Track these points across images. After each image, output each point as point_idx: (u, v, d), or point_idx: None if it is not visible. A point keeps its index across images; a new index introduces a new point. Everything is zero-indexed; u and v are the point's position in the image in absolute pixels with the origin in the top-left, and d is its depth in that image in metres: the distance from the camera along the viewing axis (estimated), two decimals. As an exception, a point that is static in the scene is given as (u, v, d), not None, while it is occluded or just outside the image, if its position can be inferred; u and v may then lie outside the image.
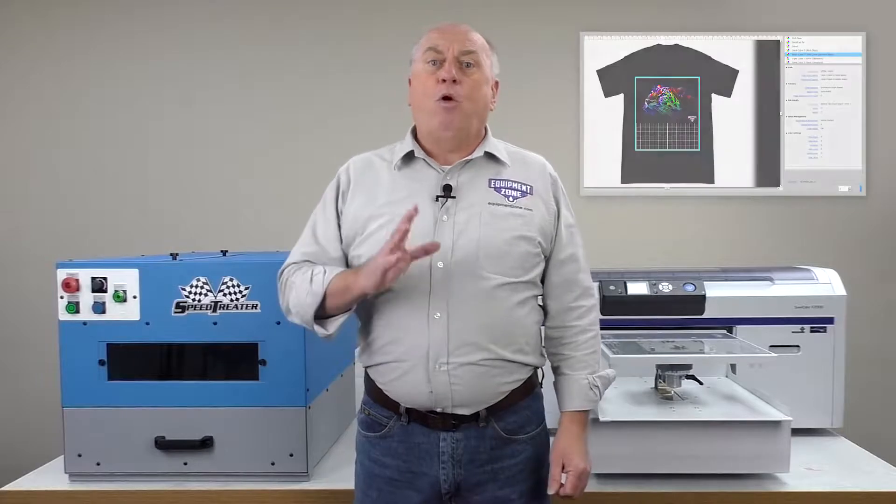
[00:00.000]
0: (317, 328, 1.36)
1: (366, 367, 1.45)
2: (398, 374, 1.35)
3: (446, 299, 1.31)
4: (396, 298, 1.34)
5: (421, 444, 1.37)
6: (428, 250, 1.24)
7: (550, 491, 1.37)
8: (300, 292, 1.35)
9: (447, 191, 1.37)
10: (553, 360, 1.47)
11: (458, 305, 1.31)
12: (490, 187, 1.39)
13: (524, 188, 1.41)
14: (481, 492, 1.37)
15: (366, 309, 1.41)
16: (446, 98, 1.35)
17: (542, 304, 1.47)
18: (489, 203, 1.37)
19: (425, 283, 1.32)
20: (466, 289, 1.32)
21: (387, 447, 1.40)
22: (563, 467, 1.37)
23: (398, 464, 1.38)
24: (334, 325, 1.36)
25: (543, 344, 1.47)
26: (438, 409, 1.35)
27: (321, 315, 1.35)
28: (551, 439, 1.45)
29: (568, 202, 1.48)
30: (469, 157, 1.40)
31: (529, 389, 1.42)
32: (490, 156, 1.42)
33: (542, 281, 1.45)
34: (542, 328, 1.46)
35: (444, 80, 1.35)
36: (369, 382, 1.44)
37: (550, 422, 1.47)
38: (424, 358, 1.32)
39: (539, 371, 1.46)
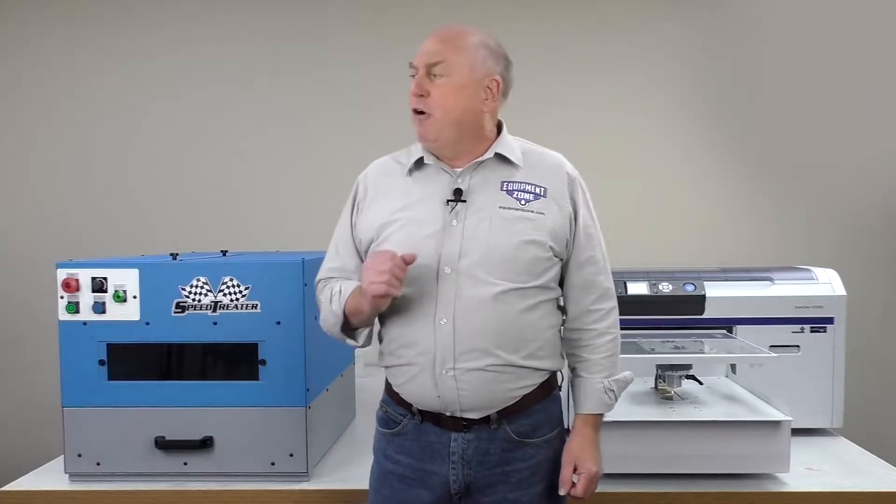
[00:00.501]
0: (349, 342, 1.42)
1: (383, 367, 1.46)
2: (408, 378, 1.36)
3: (452, 305, 1.31)
4: (407, 303, 1.35)
5: (433, 444, 1.37)
6: (406, 261, 1.28)
7: (561, 492, 1.37)
8: (326, 312, 1.42)
9: (457, 195, 1.36)
10: (570, 362, 1.46)
11: (463, 311, 1.31)
12: (502, 190, 1.38)
13: (538, 190, 1.39)
14: (492, 493, 1.36)
15: (383, 312, 1.42)
16: (418, 112, 1.36)
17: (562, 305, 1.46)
18: (500, 207, 1.36)
19: (432, 289, 1.32)
20: (472, 294, 1.31)
21: (400, 445, 1.40)
22: (575, 469, 1.37)
23: (410, 462, 1.39)
24: (362, 336, 1.43)
25: (562, 343, 1.46)
26: (448, 413, 1.35)
27: (350, 327, 1.41)
28: None
29: (588, 202, 1.44)
30: (480, 160, 1.39)
31: (546, 392, 1.41)
32: (503, 157, 1.41)
33: (562, 283, 1.43)
34: (562, 329, 1.45)
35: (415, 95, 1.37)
36: (387, 382, 1.45)
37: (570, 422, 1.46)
38: (431, 363, 1.32)
39: (559, 374, 1.45)
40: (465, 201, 1.36)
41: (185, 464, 1.69)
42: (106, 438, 1.68)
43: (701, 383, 1.90)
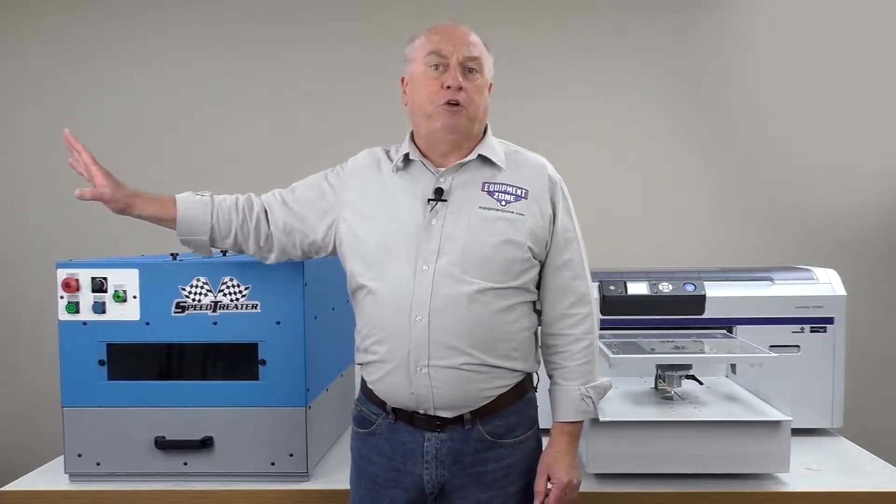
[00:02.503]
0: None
1: (358, 364, 1.46)
2: (382, 374, 1.36)
3: (428, 302, 1.31)
4: (382, 299, 1.35)
5: (406, 444, 1.37)
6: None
7: (536, 502, 1.37)
8: None
9: (438, 194, 1.37)
10: (547, 368, 1.46)
11: (439, 309, 1.31)
12: (483, 191, 1.38)
13: (519, 192, 1.38)
14: (465, 494, 1.36)
15: (358, 307, 1.42)
16: (451, 103, 1.35)
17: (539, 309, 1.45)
18: (480, 207, 1.36)
19: (409, 286, 1.32)
20: (448, 292, 1.31)
21: (374, 444, 1.41)
22: (549, 478, 1.37)
23: (384, 462, 1.39)
24: (191, 244, 1.58)
25: (540, 348, 1.46)
26: (421, 411, 1.35)
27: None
28: (545, 440, 1.45)
29: (569, 206, 1.44)
30: (464, 161, 1.40)
31: (521, 394, 1.41)
32: (486, 158, 1.41)
33: (539, 286, 1.43)
34: (539, 333, 1.45)
35: (448, 87, 1.34)
36: (362, 379, 1.45)
37: (545, 422, 1.46)
38: (406, 360, 1.32)
39: (534, 375, 1.45)
40: (445, 201, 1.36)
41: (185, 464, 1.69)
42: (106, 438, 1.68)
43: (701, 383, 1.90)
